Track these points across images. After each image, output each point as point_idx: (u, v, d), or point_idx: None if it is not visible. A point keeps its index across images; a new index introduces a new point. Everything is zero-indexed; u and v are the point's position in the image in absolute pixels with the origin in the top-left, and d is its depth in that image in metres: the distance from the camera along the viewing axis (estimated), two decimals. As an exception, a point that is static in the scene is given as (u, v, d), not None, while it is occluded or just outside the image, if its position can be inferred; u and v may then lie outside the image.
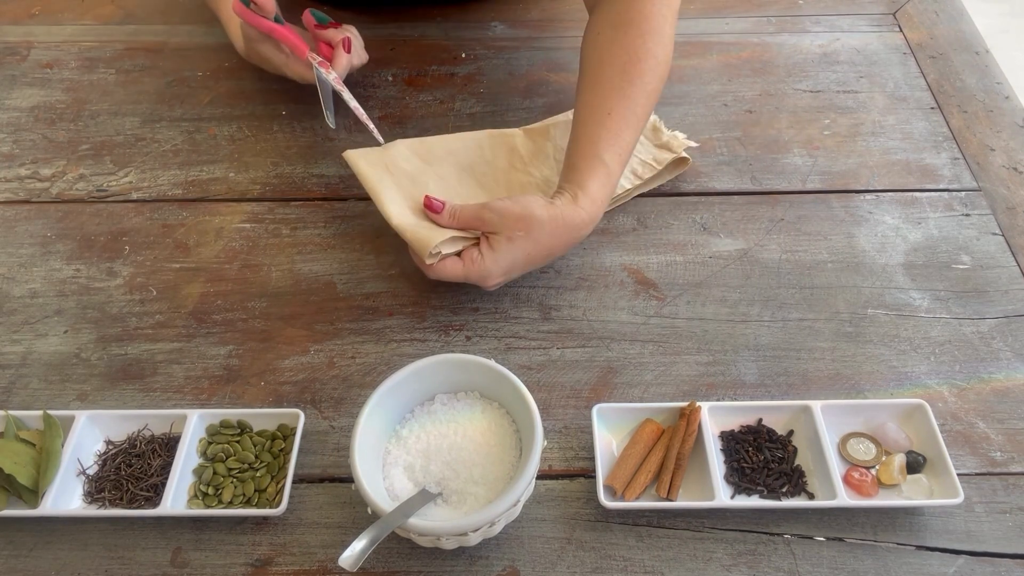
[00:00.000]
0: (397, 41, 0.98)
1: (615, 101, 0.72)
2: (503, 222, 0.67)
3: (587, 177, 0.70)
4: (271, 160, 0.86)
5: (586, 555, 0.58)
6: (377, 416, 0.58)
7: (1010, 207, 0.80)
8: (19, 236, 0.79)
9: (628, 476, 0.60)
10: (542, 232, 0.67)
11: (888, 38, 0.99)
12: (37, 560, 0.59)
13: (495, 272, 0.68)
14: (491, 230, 0.67)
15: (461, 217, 0.68)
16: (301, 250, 0.78)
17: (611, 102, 0.72)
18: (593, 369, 0.68)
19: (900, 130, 0.88)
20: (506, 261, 0.67)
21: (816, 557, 0.58)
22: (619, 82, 0.73)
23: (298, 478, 0.62)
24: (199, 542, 0.59)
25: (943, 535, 0.59)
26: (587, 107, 0.73)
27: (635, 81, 0.73)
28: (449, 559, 0.58)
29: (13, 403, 0.67)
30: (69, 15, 1.04)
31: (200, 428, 0.63)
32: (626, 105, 0.72)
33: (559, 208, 0.68)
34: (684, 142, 0.82)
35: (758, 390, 0.67)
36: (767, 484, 0.60)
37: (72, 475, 0.61)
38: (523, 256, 0.68)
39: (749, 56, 0.96)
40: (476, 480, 0.56)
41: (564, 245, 0.70)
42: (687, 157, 0.82)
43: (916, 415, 0.63)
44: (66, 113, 0.91)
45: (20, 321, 0.73)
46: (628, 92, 0.72)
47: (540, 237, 0.67)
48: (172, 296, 0.74)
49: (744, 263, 0.76)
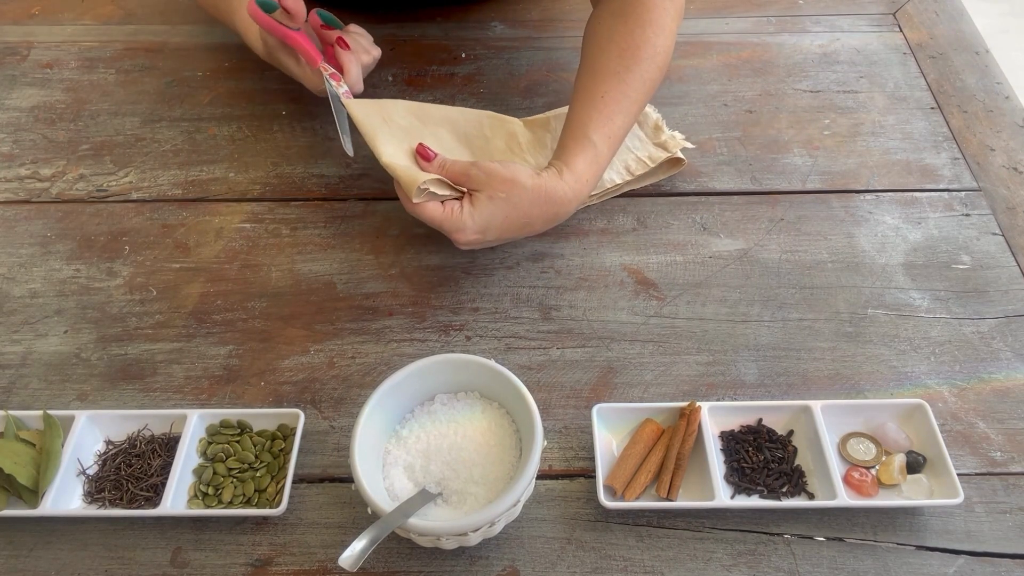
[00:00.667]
0: (397, 41, 0.98)
1: (610, 85, 0.73)
2: (488, 181, 0.68)
3: (574, 155, 0.71)
4: (271, 160, 0.86)
5: (586, 555, 0.58)
6: (377, 416, 0.58)
7: (1010, 207, 0.80)
8: (19, 236, 0.79)
9: (628, 476, 0.60)
10: (523, 198, 0.68)
11: (888, 38, 0.99)
12: (37, 560, 0.59)
13: (470, 227, 0.68)
14: (476, 187, 0.68)
15: (450, 170, 0.69)
16: (301, 250, 0.78)
17: (606, 86, 0.73)
18: (593, 369, 0.68)
19: (900, 130, 0.88)
20: (483, 218, 0.68)
21: (816, 557, 0.58)
22: (616, 67, 0.74)
23: (298, 478, 0.62)
24: (199, 542, 0.59)
25: (943, 535, 0.59)
26: (582, 90, 0.74)
27: (632, 68, 0.74)
28: (449, 559, 0.58)
29: (13, 403, 0.67)
30: (69, 15, 1.04)
31: (200, 428, 0.63)
32: (621, 90, 0.73)
33: (544, 179, 0.69)
34: (681, 142, 0.82)
35: (758, 390, 0.67)
36: (767, 484, 0.60)
37: (72, 475, 0.61)
38: (500, 217, 0.68)
39: (749, 56, 0.96)
40: (476, 480, 0.56)
41: (543, 217, 0.70)
42: (682, 158, 0.82)
43: (916, 415, 0.63)
44: (66, 113, 0.91)
45: (20, 321, 0.73)
46: (624, 77, 0.73)
47: (520, 203, 0.68)
48: (172, 296, 0.74)
49: (744, 263, 0.76)
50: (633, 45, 0.74)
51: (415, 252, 0.77)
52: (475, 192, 0.69)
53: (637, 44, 0.74)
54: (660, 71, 0.76)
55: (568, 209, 0.71)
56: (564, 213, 0.71)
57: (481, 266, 0.76)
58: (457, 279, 0.75)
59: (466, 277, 0.75)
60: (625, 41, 0.74)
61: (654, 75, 0.75)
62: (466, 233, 0.69)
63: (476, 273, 0.75)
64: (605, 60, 0.74)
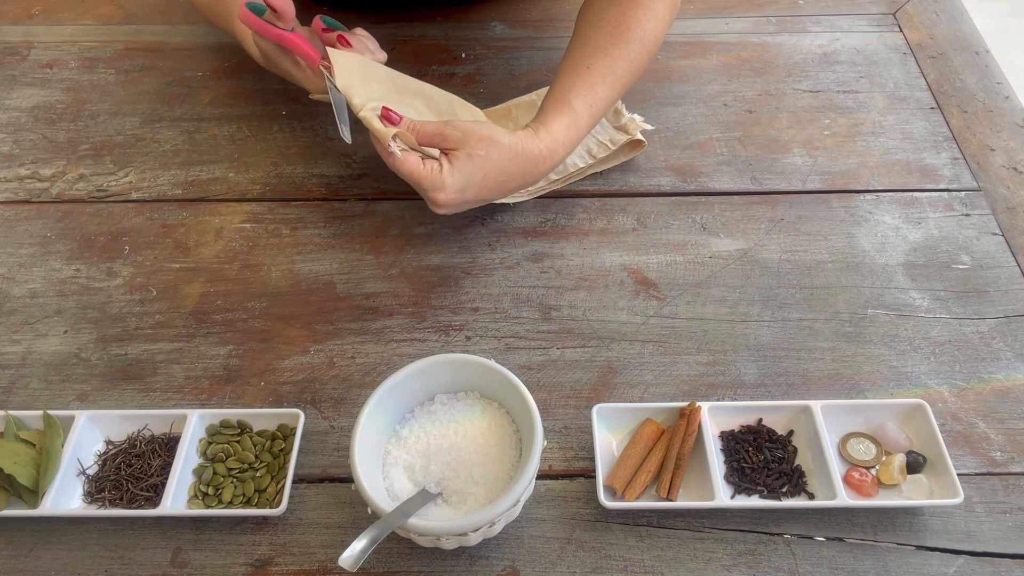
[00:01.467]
0: (397, 41, 0.98)
1: (596, 58, 0.74)
2: (466, 139, 0.68)
3: (552, 117, 0.72)
4: (271, 160, 0.86)
5: (586, 555, 0.58)
6: (377, 416, 0.58)
7: (1010, 207, 0.80)
8: (19, 236, 0.79)
9: (628, 476, 0.60)
10: (501, 155, 0.68)
11: (888, 38, 0.99)
12: (37, 560, 0.59)
13: (450, 185, 0.68)
14: (453, 146, 0.68)
15: (421, 131, 0.69)
16: (301, 250, 0.78)
17: (592, 58, 0.74)
18: (593, 369, 0.68)
19: (900, 130, 0.88)
20: (463, 176, 0.68)
21: (816, 557, 0.58)
22: (604, 43, 0.75)
23: (298, 478, 0.62)
24: (199, 542, 0.59)
25: (943, 535, 0.59)
26: (568, 61, 0.75)
27: (620, 44, 0.75)
28: (449, 559, 0.58)
29: (13, 403, 0.67)
30: (69, 15, 1.04)
31: (200, 428, 0.63)
32: (607, 64, 0.74)
33: (519, 137, 0.70)
34: (641, 124, 0.84)
35: (758, 390, 0.67)
36: (767, 484, 0.60)
37: (72, 475, 0.61)
38: (479, 176, 0.68)
39: (749, 56, 0.96)
40: (476, 480, 0.56)
41: (519, 175, 0.70)
42: (642, 140, 0.83)
43: (916, 415, 0.63)
44: (66, 113, 0.91)
45: (20, 321, 0.73)
46: (611, 52, 0.74)
47: (499, 160, 0.68)
48: (172, 296, 0.74)
49: (744, 263, 0.76)
50: (623, 25, 0.75)
51: (415, 252, 0.77)
52: (453, 151, 0.68)
53: (628, 24, 0.75)
54: (648, 54, 0.77)
55: (542, 168, 0.71)
56: (538, 172, 0.71)
57: (481, 266, 0.76)
58: (457, 279, 0.75)
59: (466, 277, 0.75)
60: (616, 20, 0.75)
61: (641, 56, 0.76)
62: (446, 192, 0.68)
63: (476, 273, 0.75)
64: (594, 36, 0.75)
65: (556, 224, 0.79)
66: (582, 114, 0.72)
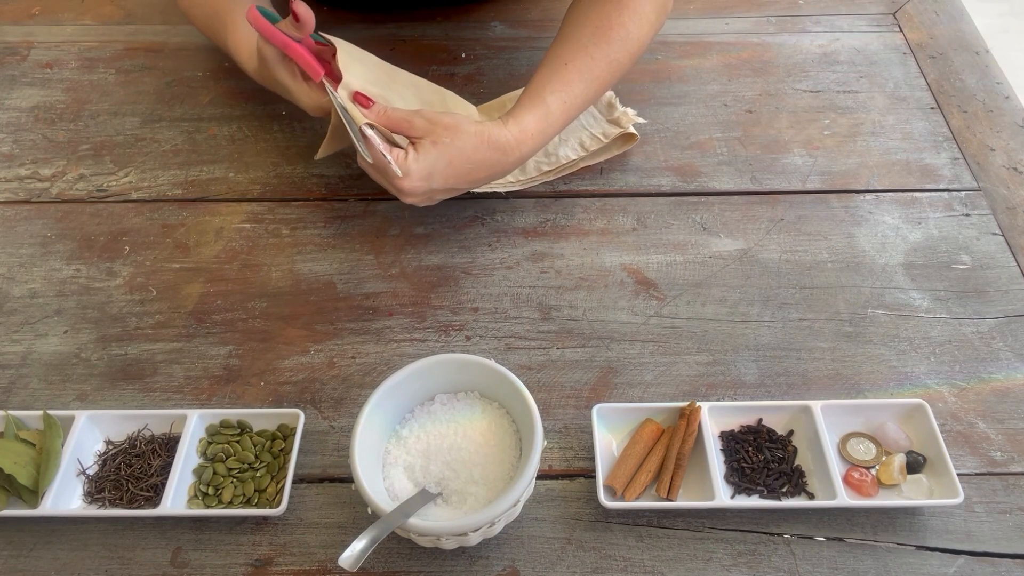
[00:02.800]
0: (397, 41, 0.98)
1: (575, 55, 0.74)
2: (431, 128, 0.68)
3: (523, 109, 0.72)
4: (271, 160, 0.86)
5: (586, 555, 0.58)
6: (377, 416, 0.58)
7: (1010, 207, 0.80)
8: (19, 236, 0.79)
9: (628, 476, 0.60)
10: (467, 143, 0.68)
11: (888, 38, 0.99)
12: (37, 560, 0.59)
13: (415, 172, 0.68)
14: (419, 135, 0.69)
15: (392, 117, 0.69)
16: (301, 250, 0.78)
17: (571, 56, 0.74)
18: (593, 369, 0.68)
19: (900, 130, 0.88)
20: (427, 162, 0.68)
21: (816, 557, 0.58)
22: (585, 42, 0.75)
23: (298, 478, 0.62)
24: (199, 542, 0.59)
25: (943, 535, 0.59)
26: (548, 58, 0.76)
27: (600, 44, 0.75)
28: (449, 559, 0.58)
29: (13, 403, 0.67)
30: (69, 15, 1.04)
31: (200, 428, 0.63)
32: (585, 61, 0.74)
33: (486, 126, 0.70)
34: (634, 118, 0.84)
35: (758, 390, 0.67)
36: (767, 484, 0.60)
37: (72, 475, 0.61)
38: (444, 163, 0.69)
39: (749, 56, 0.96)
40: (476, 480, 0.56)
41: (486, 163, 0.70)
42: (634, 133, 0.83)
43: (916, 415, 0.63)
44: (66, 113, 0.91)
45: (20, 321, 0.73)
46: (591, 51, 0.74)
47: (464, 148, 0.69)
48: (172, 296, 0.74)
49: (744, 263, 0.76)
50: (606, 25, 0.75)
51: (415, 252, 0.77)
52: (419, 139, 0.69)
53: (611, 24, 0.75)
54: (630, 56, 0.77)
55: (510, 158, 0.71)
56: (507, 162, 0.71)
57: (481, 266, 0.76)
58: (457, 279, 0.75)
59: (466, 277, 0.75)
60: (599, 20, 0.75)
61: (622, 58, 0.76)
62: (411, 179, 0.68)
63: (476, 273, 0.75)
64: (576, 34, 0.76)
65: (556, 224, 0.79)
66: (555, 109, 0.72)
